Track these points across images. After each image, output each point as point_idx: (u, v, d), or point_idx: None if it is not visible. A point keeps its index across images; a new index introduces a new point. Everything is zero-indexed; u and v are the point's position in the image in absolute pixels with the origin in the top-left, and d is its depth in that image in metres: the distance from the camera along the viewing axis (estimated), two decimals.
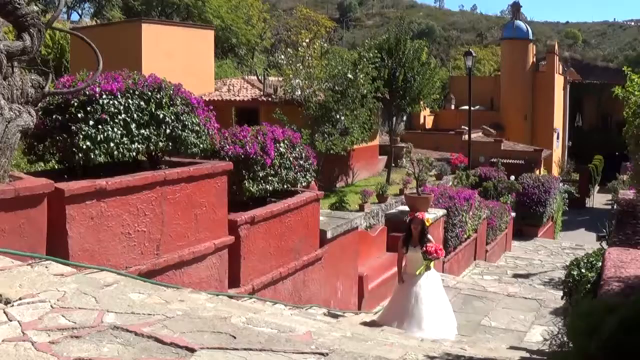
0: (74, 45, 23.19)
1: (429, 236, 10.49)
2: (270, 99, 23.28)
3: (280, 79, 24.44)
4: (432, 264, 10.41)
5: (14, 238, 5.12)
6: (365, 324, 10.10)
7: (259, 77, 26.37)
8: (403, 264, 10.58)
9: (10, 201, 5.06)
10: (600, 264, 6.83)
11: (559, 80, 55.26)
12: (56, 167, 7.36)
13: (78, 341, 3.32)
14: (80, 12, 58.03)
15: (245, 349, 3.22)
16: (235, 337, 3.38)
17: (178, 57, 20.65)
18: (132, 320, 3.62)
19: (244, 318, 4.04)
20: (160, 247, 6.99)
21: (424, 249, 10.11)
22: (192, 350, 3.17)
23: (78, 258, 5.86)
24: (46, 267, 4.75)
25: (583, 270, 7.38)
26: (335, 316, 9.74)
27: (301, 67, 22.12)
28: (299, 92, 21.70)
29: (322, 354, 3.20)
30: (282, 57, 23.22)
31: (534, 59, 55.05)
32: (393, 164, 28.67)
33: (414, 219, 10.60)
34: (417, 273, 10.18)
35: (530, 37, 55.46)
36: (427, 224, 10.50)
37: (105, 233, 6.30)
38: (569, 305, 7.07)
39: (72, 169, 6.85)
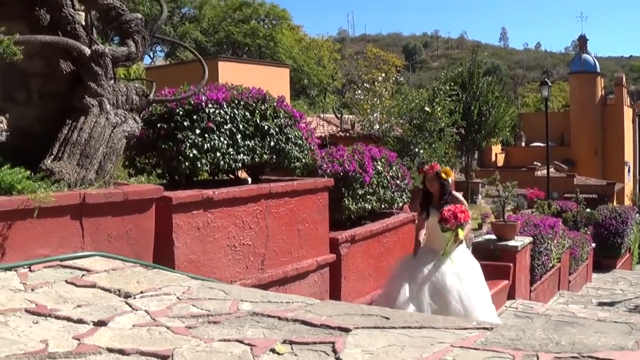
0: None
1: (455, 193, 8.13)
2: (348, 134, 23.19)
3: (355, 116, 24.40)
4: (461, 234, 7.53)
5: (121, 244, 4.90)
6: None
7: (336, 114, 26.39)
8: (423, 234, 7.99)
9: (118, 205, 4.85)
10: None
11: (627, 113, 54.48)
12: (157, 181, 7.21)
13: (217, 326, 3.05)
14: (152, 54, 59.26)
15: (403, 327, 2.91)
16: (388, 318, 3.07)
17: None
18: (270, 308, 3.33)
19: None
20: (264, 262, 6.74)
21: (438, 215, 7.51)
22: (347, 330, 2.87)
23: (184, 269, 5.62)
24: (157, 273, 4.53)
25: None
26: None
27: (378, 102, 22.03)
28: (377, 127, 21.57)
29: (486, 328, 2.89)
30: (359, 91, 23.18)
31: (603, 93, 54.27)
32: (469, 200, 28.20)
33: (426, 174, 8.01)
34: (442, 254, 7.57)
35: (598, 70, 54.81)
36: (446, 176, 7.87)
37: (211, 245, 6.08)
38: None
39: (174, 182, 6.69)
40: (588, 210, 28.11)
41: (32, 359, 2.65)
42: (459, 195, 8.20)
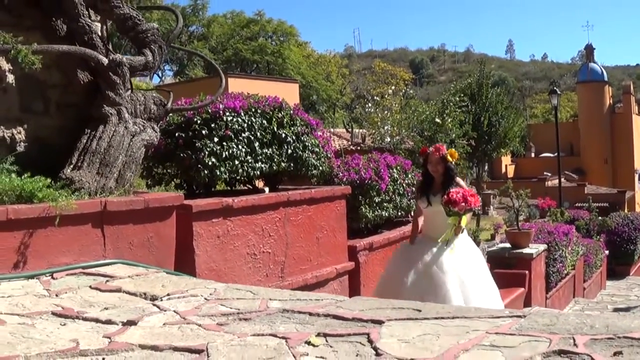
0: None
1: (459, 180, 6.98)
2: (359, 147, 23.17)
3: (366, 130, 24.42)
4: (463, 222, 6.60)
5: (142, 252, 4.87)
6: None
7: (347, 128, 26.44)
8: (421, 221, 7.10)
9: (139, 213, 4.83)
10: None
11: (636, 121, 54.46)
12: (175, 191, 7.19)
13: (248, 323, 3.01)
14: (160, 74, 58.99)
15: (436, 318, 2.89)
16: (420, 310, 3.04)
17: None
18: (300, 305, 3.30)
19: None
20: (284, 270, 6.71)
21: (445, 197, 6.43)
22: (380, 323, 2.83)
23: (205, 277, 5.58)
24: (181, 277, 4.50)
25: None
26: None
27: (388, 115, 22.05)
28: (388, 139, 21.57)
29: (519, 316, 2.87)
30: (369, 105, 23.22)
31: (611, 101, 54.28)
32: (481, 212, 28.11)
33: (429, 156, 6.85)
34: (440, 240, 6.59)
35: (606, 78, 54.84)
36: (451, 158, 6.78)
37: (231, 253, 6.06)
38: None
39: (192, 193, 6.68)
40: (600, 217, 28.07)
41: (63, 357, 2.63)
42: (463, 182, 7.24)
